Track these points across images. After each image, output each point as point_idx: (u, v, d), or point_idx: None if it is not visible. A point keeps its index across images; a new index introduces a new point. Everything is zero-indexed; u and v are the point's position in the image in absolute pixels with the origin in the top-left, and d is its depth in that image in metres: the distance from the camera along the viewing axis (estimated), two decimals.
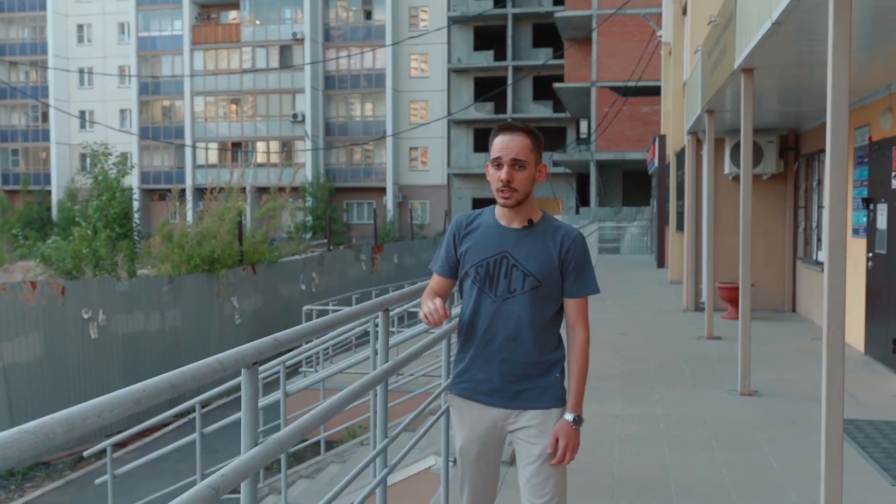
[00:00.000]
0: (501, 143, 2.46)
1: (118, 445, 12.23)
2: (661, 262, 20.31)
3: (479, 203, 45.05)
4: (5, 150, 49.08)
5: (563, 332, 2.64)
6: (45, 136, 48.33)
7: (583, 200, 41.54)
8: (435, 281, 2.67)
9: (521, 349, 2.48)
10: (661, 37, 20.21)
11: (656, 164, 20.89)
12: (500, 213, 2.57)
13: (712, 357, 8.19)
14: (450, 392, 2.65)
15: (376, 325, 3.90)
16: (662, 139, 19.83)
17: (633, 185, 38.55)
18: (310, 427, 1.87)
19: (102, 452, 8.50)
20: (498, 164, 2.47)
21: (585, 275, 2.53)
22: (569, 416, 2.50)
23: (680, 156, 15.84)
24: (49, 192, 47.31)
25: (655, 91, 27.79)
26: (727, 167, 11.25)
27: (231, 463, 1.57)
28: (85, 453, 6.83)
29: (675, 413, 5.98)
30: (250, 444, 1.69)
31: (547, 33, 43.22)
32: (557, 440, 2.49)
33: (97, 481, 6.60)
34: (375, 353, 3.53)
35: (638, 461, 4.86)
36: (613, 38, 33.66)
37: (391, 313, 7.39)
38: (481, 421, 2.54)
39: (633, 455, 4.97)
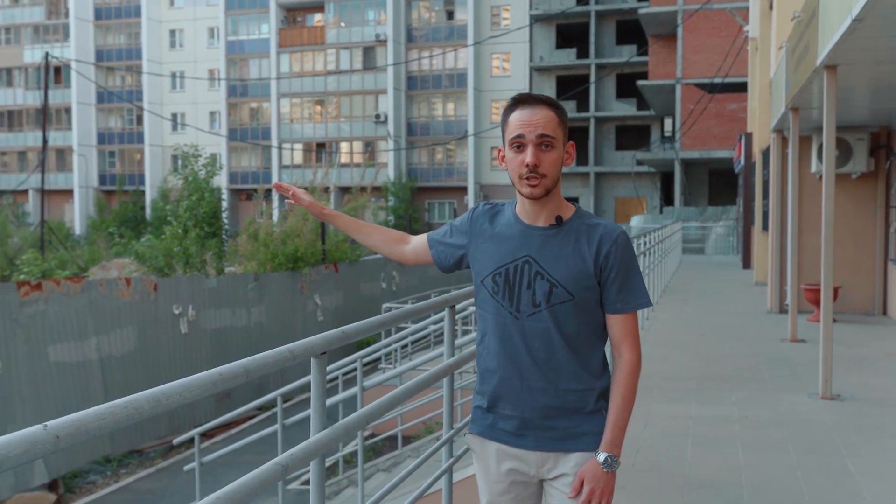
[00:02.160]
0: (522, 118, 1.99)
1: (206, 436, 12.74)
2: (746, 263, 19.84)
3: None
4: (103, 151, 51.34)
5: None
6: (140, 138, 50.34)
7: (667, 200, 40.84)
8: (419, 240, 2.33)
9: (558, 375, 2.03)
10: (747, 32, 19.74)
11: (742, 162, 20.42)
12: (521, 208, 2.09)
13: (794, 360, 8.01)
14: (469, 433, 2.19)
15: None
16: (749, 137, 19.37)
17: (720, 184, 37.69)
18: (374, 415, 1.99)
19: (191, 442, 8.89)
20: (519, 144, 2.00)
21: (631, 284, 2.04)
22: (600, 456, 2.01)
23: (766, 154, 15.46)
24: (143, 193, 49.24)
25: (743, 87, 27.14)
26: (814, 165, 10.94)
27: (300, 445, 1.70)
28: (175, 441, 7.18)
29: (752, 415, 5.90)
30: (319, 428, 1.82)
31: (630, 30, 42.66)
32: (582, 483, 2.02)
33: (186, 468, 6.93)
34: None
35: (710, 462, 4.83)
36: (699, 34, 32.98)
37: (461, 313, 7.50)
38: (505, 467, 2.09)
39: (706, 456, 4.95)
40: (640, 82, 34.52)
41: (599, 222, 2.07)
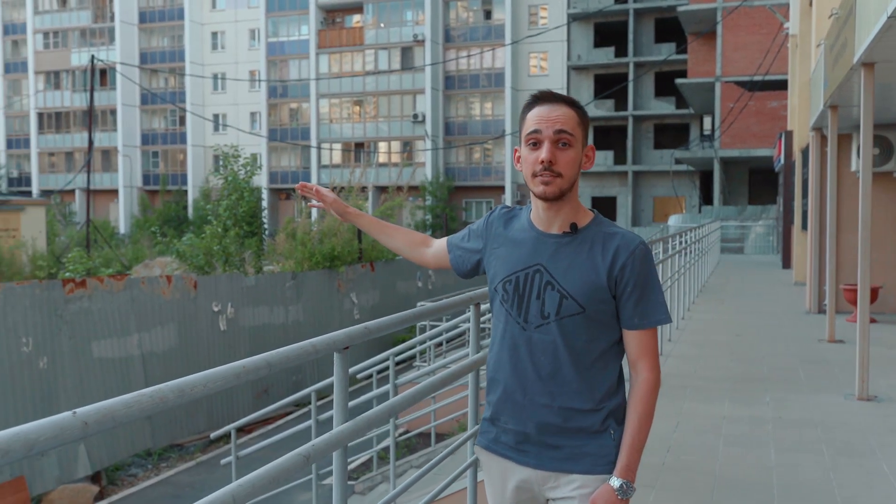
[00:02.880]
0: (540, 114, 1.90)
1: (244, 431, 12.95)
2: (786, 263, 19.59)
3: (597, 203, 44.52)
4: (146, 152, 52.25)
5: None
6: (182, 138, 51.13)
7: (706, 199, 40.39)
8: (439, 242, 2.26)
9: (562, 391, 1.92)
10: (787, 29, 19.47)
11: (782, 160, 20.15)
12: (535, 214, 1.98)
13: (832, 360, 7.92)
14: (476, 444, 2.12)
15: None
16: (789, 135, 19.11)
17: (760, 182, 37.17)
18: (397, 408, 2.05)
19: (230, 437, 9.05)
20: (535, 140, 1.90)
21: (649, 299, 1.91)
22: (615, 482, 1.90)
23: (805, 152, 15.24)
24: (186, 192, 50.00)
25: (783, 85, 26.74)
26: (854, 164, 10.78)
27: (322, 436, 1.76)
28: (212, 435, 7.33)
29: (786, 416, 5.85)
30: (341, 420, 1.88)
31: (669, 28, 42.26)
32: None
33: (223, 461, 7.08)
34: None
35: (741, 462, 4.81)
36: (739, 31, 32.57)
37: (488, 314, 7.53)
38: (511, 484, 1.99)
39: (737, 456, 4.93)
40: (679, 80, 34.19)
41: (617, 231, 1.94)
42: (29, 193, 49.25)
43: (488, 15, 46.33)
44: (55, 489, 11.13)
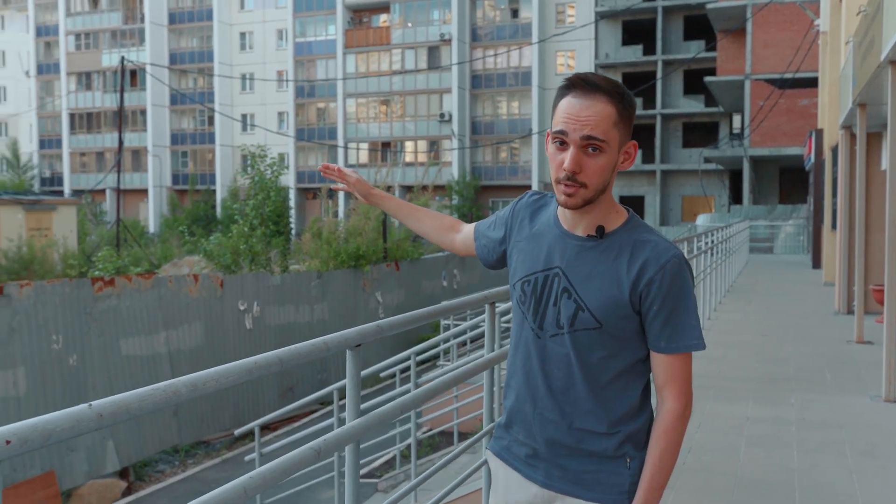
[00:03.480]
0: (570, 111, 1.65)
1: (268, 429, 13.07)
2: (816, 263, 19.36)
3: (625, 202, 44.28)
4: (176, 152, 52.81)
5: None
6: (211, 138, 51.63)
7: (735, 198, 40.02)
8: (468, 228, 2.10)
9: (574, 409, 1.74)
10: (818, 26, 19.25)
11: (813, 159, 19.93)
12: (561, 211, 1.78)
13: (859, 361, 7.83)
14: (488, 448, 1.98)
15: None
16: (819, 133, 18.89)
17: (791, 181, 36.75)
18: (409, 405, 2.07)
19: (255, 437, 9.14)
20: (561, 140, 1.66)
21: (679, 320, 1.68)
22: None
23: (836, 151, 15.06)
24: (214, 192, 50.49)
25: (814, 83, 26.43)
26: (884, 162, 10.63)
27: (334, 431, 1.79)
28: (236, 432, 7.42)
29: (810, 417, 5.80)
30: (353, 416, 1.91)
31: (698, 25, 41.92)
32: None
33: (247, 458, 7.15)
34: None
35: (763, 463, 4.79)
36: (769, 28, 32.23)
37: (500, 307, 7.54)
38: (515, 498, 1.85)
39: (759, 457, 4.90)
40: (708, 78, 33.89)
41: (650, 239, 1.70)
42: (61, 193, 50.01)
43: (515, 14, 46.26)
44: (84, 484, 11.31)
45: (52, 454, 10.86)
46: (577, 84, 1.65)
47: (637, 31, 44.50)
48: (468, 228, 2.09)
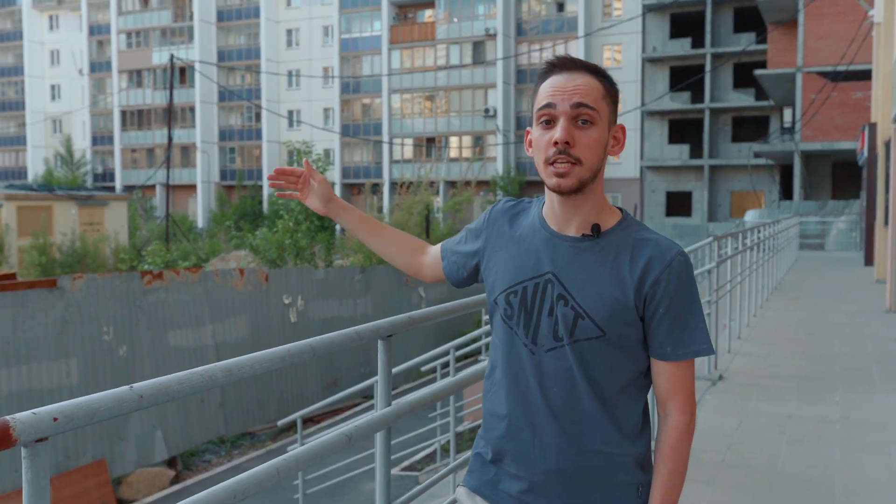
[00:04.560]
0: (555, 85, 1.54)
1: (312, 421, 13.25)
2: (868, 260, 18.95)
3: (672, 198, 43.80)
4: (224, 148, 53.64)
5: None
6: (258, 134, 52.31)
7: (786, 193, 39.30)
8: (434, 248, 1.91)
9: (579, 430, 1.57)
10: (872, 16, 18.82)
11: (866, 154, 19.51)
12: (549, 209, 1.63)
13: None
14: (462, 486, 1.73)
15: None
16: (872, 127, 18.49)
17: (844, 176, 35.96)
18: (438, 394, 2.12)
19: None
20: (548, 117, 1.54)
21: (687, 323, 1.56)
22: None
23: (889, 145, 14.73)
24: (261, 187, 51.17)
25: (869, 75, 25.83)
26: None
27: (364, 417, 1.85)
28: (279, 423, 7.56)
29: (854, 416, 5.71)
30: (384, 404, 1.97)
31: (749, 17, 41.23)
32: None
33: (289, 448, 7.30)
34: None
35: (804, 461, 4.74)
36: (822, 20, 31.56)
37: None
38: None
39: (800, 455, 4.85)
40: (758, 71, 33.33)
41: (650, 237, 1.57)
42: (112, 188, 51.16)
43: (561, 7, 46.00)
44: (133, 472, 11.61)
45: (102, 443, 11.18)
46: (559, 63, 1.57)
47: (685, 23, 43.92)
48: (435, 250, 1.90)
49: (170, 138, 27.95)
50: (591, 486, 1.58)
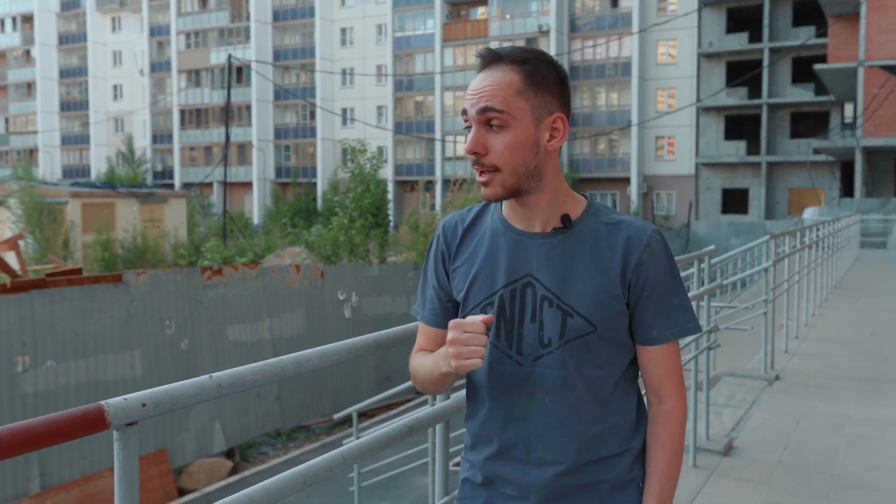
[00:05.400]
0: (471, 87, 1.46)
1: (366, 416, 13.42)
2: None
3: (728, 195, 43.06)
4: (279, 146, 54.43)
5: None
6: (312, 132, 52.95)
7: (847, 190, 38.35)
8: (423, 335, 1.64)
9: (580, 440, 1.48)
10: None
11: None
12: (509, 210, 1.53)
13: None
14: None
15: None
16: None
17: None
18: None
19: (353, 423, 9.45)
20: (467, 124, 1.46)
21: (672, 302, 1.49)
22: None
23: None
24: (315, 185, 51.79)
25: None
26: None
27: (423, 409, 1.92)
28: (335, 416, 7.70)
29: None
30: (443, 397, 2.03)
31: (808, 10, 40.29)
32: None
33: (344, 441, 7.43)
34: None
35: (863, 463, 4.68)
36: (886, 12, 30.71)
37: None
38: None
39: (859, 456, 4.78)
40: (818, 66, 32.56)
41: (623, 219, 1.49)
42: (172, 186, 52.33)
43: (615, 3, 45.56)
44: (194, 462, 11.92)
45: (165, 433, 11.50)
46: (479, 58, 1.46)
47: (742, 17, 43.13)
48: (431, 333, 1.63)
49: (227, 137, 28.52)
50: (591, 492, 1.50)
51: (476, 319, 1.37)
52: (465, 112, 1.46)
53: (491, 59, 1.44)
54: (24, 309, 10.13)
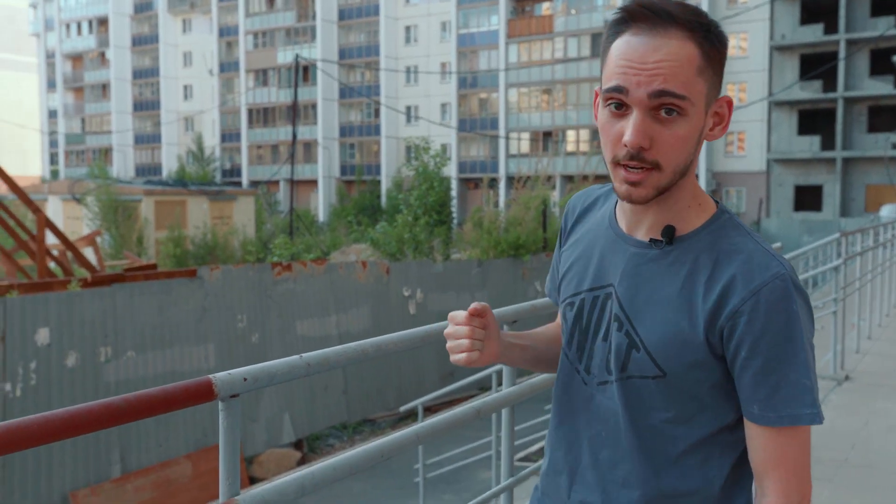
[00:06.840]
0: (630, 55, 1.11)
1: (430, 411, 13.61)
2: None
3: (801, 192, 41.98)
4: (344, 144, 55.19)
5: None
6: (377, 130, 53.53)
7: None
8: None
9: (624, 496, 1.23)
10: None
11: None
12: (621, 204, 1.27)
13: None
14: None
15: None
16: None
17: None
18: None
19: (417, 415, 9.64)
20: (618, 102, 1.13)
21: (785, 376, 1.14)
22: None
23: None
24: (379, 182, 52.34)
25: None
26: None
27: (492, 394, 2.04)
28: (401, 409, 7.88)
29: None
30: (509, 384, 2.16)
31: (887, 0, 39.01)
32: None
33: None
34: None
35: None
36: None
37: None
38: None
39: None
40: None
41: (743, 248, 1.15)
42: (239, 184, 53.52)
43: None
44: (263, 452, 12.29)
45: None
46: (638, 16, 1.11)
47: (817, 8, 41.98)
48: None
49: (294, 135, 29.08)
50: None
51: (463, 312, 1.25)
52: (619, 90, 1.11)
53: (656, 19, 1.10)
54: (105, 302, 10.60)
